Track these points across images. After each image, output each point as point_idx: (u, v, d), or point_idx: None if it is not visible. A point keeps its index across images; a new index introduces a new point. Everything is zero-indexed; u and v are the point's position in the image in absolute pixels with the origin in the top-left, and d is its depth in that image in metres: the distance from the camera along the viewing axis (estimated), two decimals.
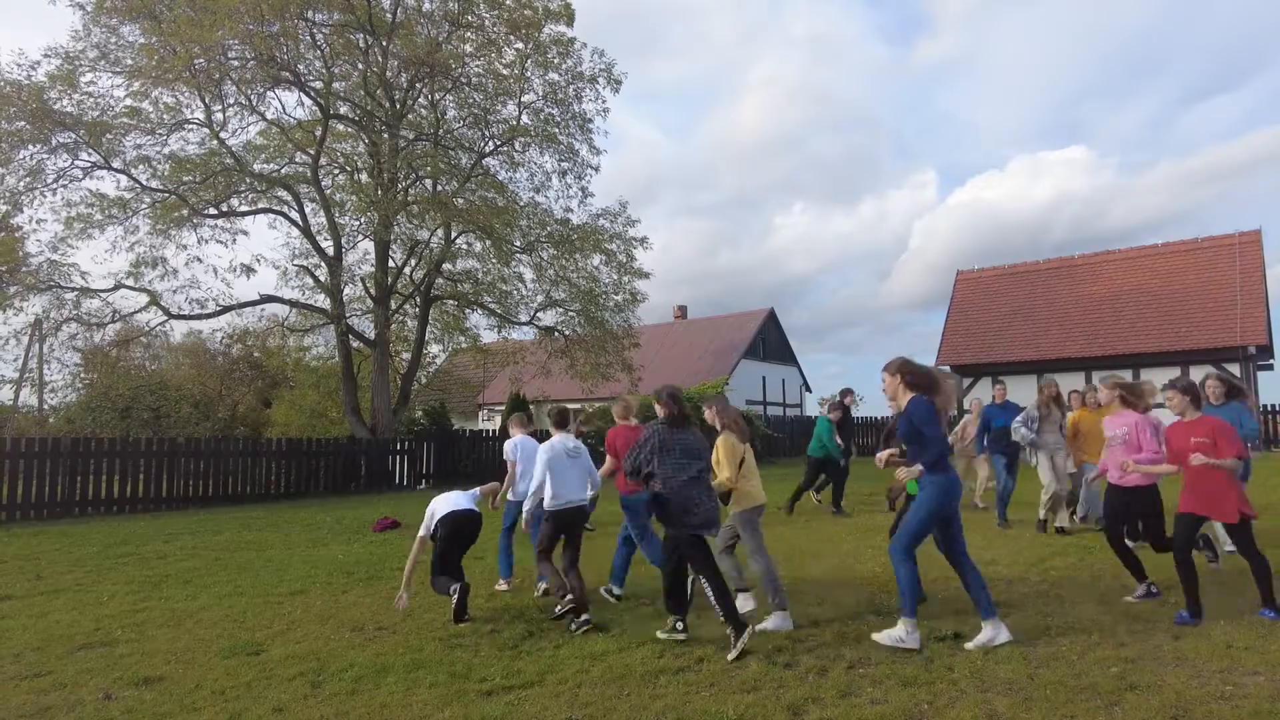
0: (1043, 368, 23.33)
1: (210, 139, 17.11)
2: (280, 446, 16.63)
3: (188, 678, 4.60)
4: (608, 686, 4.20)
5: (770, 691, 4.02)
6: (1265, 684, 3.86)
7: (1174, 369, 21.03)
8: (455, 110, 19.80)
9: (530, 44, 18.45)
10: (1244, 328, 20.98)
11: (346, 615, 6.03)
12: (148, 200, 16.66)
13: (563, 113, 19.79)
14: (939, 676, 4.14)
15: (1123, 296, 24.30)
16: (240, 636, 5.46)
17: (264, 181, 17.72)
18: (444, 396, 33.98)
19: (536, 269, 20.51)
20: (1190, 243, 24.52)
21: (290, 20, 15.57)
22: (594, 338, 20.79)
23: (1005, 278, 27.88)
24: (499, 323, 21.22)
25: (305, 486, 16.42)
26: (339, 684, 4.40)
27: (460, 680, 4.38)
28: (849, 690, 4.00)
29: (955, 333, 27.04)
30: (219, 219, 18.01)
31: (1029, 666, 4.24)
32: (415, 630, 5.50)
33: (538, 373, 22.15)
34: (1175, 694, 3.76)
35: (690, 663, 4.53)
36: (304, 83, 16.95)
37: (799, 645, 4.79)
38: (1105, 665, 4.21)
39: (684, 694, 4.05)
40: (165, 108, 16.36)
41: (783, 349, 38.05)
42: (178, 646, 5.26)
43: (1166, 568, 5.35)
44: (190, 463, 14.82)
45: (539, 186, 20.52)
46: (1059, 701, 3.74)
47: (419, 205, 18.06)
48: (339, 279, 18.43)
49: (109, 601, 6.63)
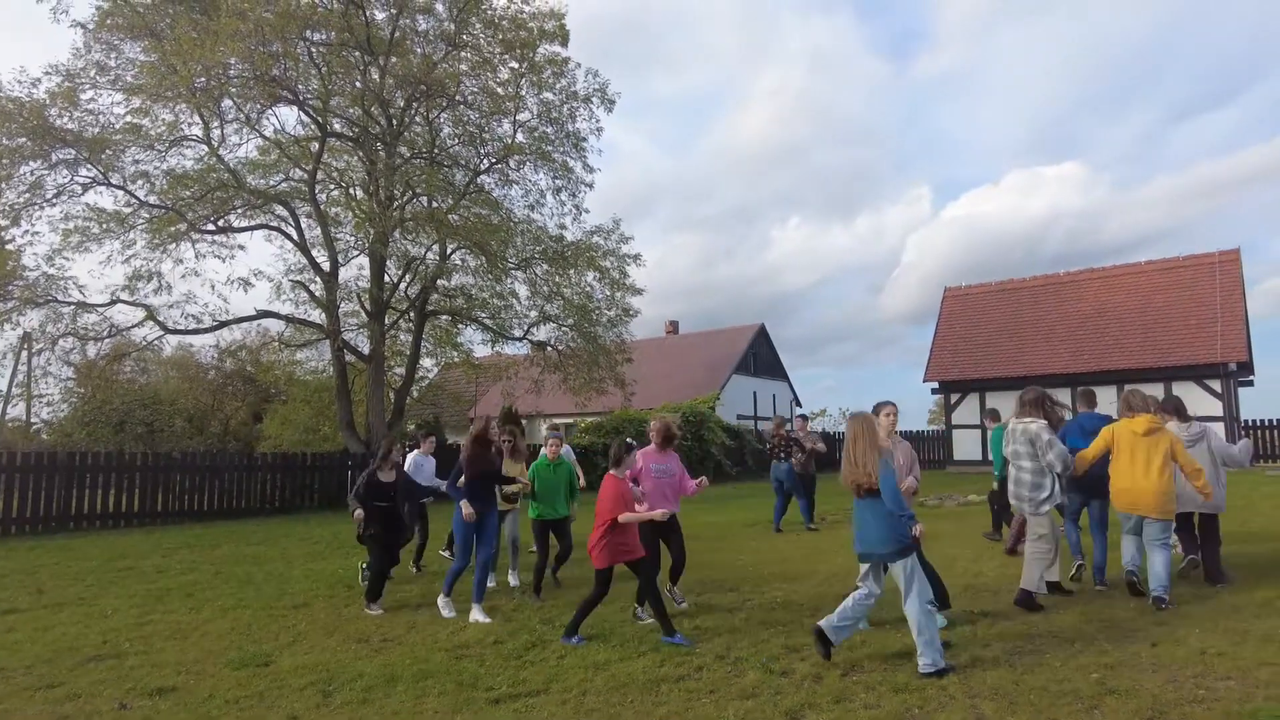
0: (1028, 384, 23.60)
1: (209, 155, 17.26)
2: (275, 461, 16.70)
3: (200, 688, 4.72)
4: (611, 694, 4.36)
5: (768, 698, 4.19)
6: (1236, 688, 4.07)
7: (1157, 385, 21.44)
8: (451, 128, 20.03)
9: (525, 64, 18.73)
10: (1224, 345, 21.38)
11: (351, 628, 6.16)
12: (145, 215, 16.77)
13: (557, 131, 20.05)
14: (929, 683, 4.32)
15: (1107, 313, 24.72)
16: (248, 648, 5.57)
17: (261, 197, 17.86)
18: (436, 410, 34.05)
19: (531, 285, 20.70)
20: (1173, 261, 25.00)
21: (290, 40, 15.78)
22: (587, 353, 20.98)
23: (992, 294, 28.27)
24: (493, 338, 21.38)
25: (299, 501, 16.48)
26: (350, 693, 4.54)
27: (468, 689, 4.53)
28: (843, 696, 4.18)
29: (943, 349, 27.37)
30: (216, 234, 18.14)
31: (1014, 673, 4.43)
32: (421, 642, 5.64)
33: (530, 387, 22.32)
34: (1152, 698, 3.96)
35: (690, 671, 4.70)
36: (302, 100, 17.15)
37: (794, 654, 4.97)
38: (1086, 671, 4.41)
39: (685, 701, 4.22)
40: (165, 124, 16.52)
41: (774, 364, 38.33)
42: (186, 658, 5.37)
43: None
44: (185, 477, 14.86)
45: (533, 204, 20.76)
46: (1042, 705, 3.93)
47: (415, 222, 18.24)
48: (334, 294, 18.55)
49: (113, 615, 6.72)
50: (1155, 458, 5.80)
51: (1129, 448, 5.95)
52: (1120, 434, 6.04)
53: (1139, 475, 5.85)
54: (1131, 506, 5.95)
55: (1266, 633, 4.99)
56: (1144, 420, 5.95)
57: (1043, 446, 5.86)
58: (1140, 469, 5.85)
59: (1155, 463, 5.79)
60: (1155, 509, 5.80)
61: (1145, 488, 5.81)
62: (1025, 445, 5.98)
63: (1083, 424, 6.99)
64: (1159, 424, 5.96)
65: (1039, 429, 5.92)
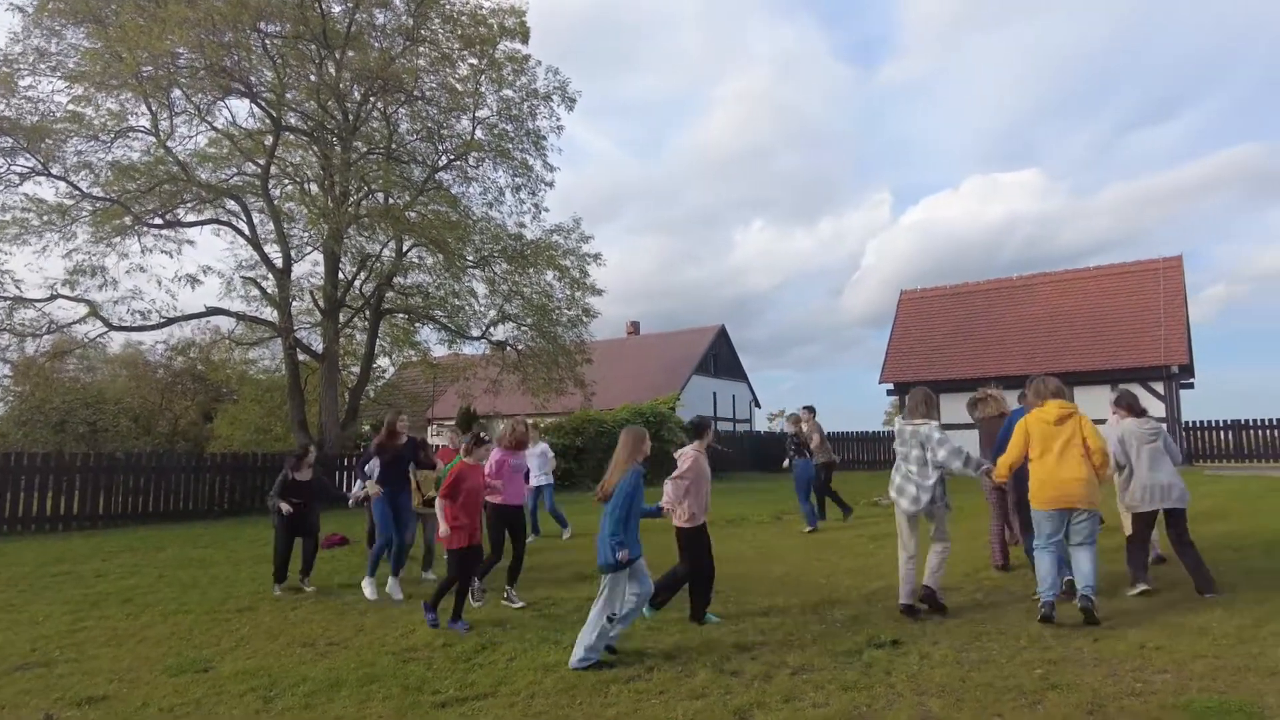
0: (982, 385, 24.09)
1: (156, 147, 16.74)
2: (225, 461, 16.29)
3: (133, 696, 4.55)
4: (560, 696, 4.30)
5: (718, 698, 4.17)
6: (1172, 680, 4.17)
7: (1104, 387, 22.02)
8: (409, 124, 19.74)
9: (485, 60, 18.55)
10: (1167, 348, 22.06)
11: (297, 631, 6.00)
12: (89, 208, 16.21)
13: (517, 129, 19.91)
14: (878, 681, 4.35)
15: (1058, 317, 25.35)
16: (187, 654, 5.40)
17: (212, 191, 17.38)
18: (392, 410, 33.52)
19: (489, 284, 20.51)
20: (1120, 266, 25.76)
21: (243, 31, 15.40)
22: (547, 353, 20.84)
23: (947, 298, 28.79)
24: (451, 337, 21.12)
25: (250, 502, 16.06)
26: (292, 699, 4.42)
27: (414, 693, 4.43)
28: (792, 695, 4.18)
29: (899, 351, 27.80)
30: (164, 229, 17.61)
31: (962, 670, 4.48)
32: (368, 645, 5.52)
33: (488, 388, 22.10)
34: (1092, 692, 4.04)
35: (641, 672, 4.66)
36: (255, 93, 16.76)
37: (745, 654, 4.96)
38: (1031, 667, 4.47)
39: (635, 702, 4.18)
40: (109, 114, 15.98)
41: (733, 365, 38.55)
42: (121, 665, 5.19)
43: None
44: (129, 478, 14.40)
45: (492, 201, 20.56)
46: (988, 701, 3.98)
47: (370, 218, 17.93)
48: (287, 291, 18.15)
49: (44, 621, 6.47)
50: (1073, 445, 5.42)
51: (1042, 439, 5.55)
52: (1032, 426, 5.64)
53: (1059, 466, 5.43)
54: (1056, 500, 5.43)
55: (1201, 626, 5.12)
56: (1053, 407, 5.59)
57: (933, 447, 5.76)
58: (1058, 459, 5.43)
59: (1074, 450, 5.41)
60: (1082, 498, 5.36)
61: (1067, 477, 5.39)
62: (915, 448, 5.87)
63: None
64: (1070, 409, 5.58)
65: (930, 429, 5.82)
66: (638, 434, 5.22)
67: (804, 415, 12.11)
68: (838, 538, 10.18)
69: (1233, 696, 3.89)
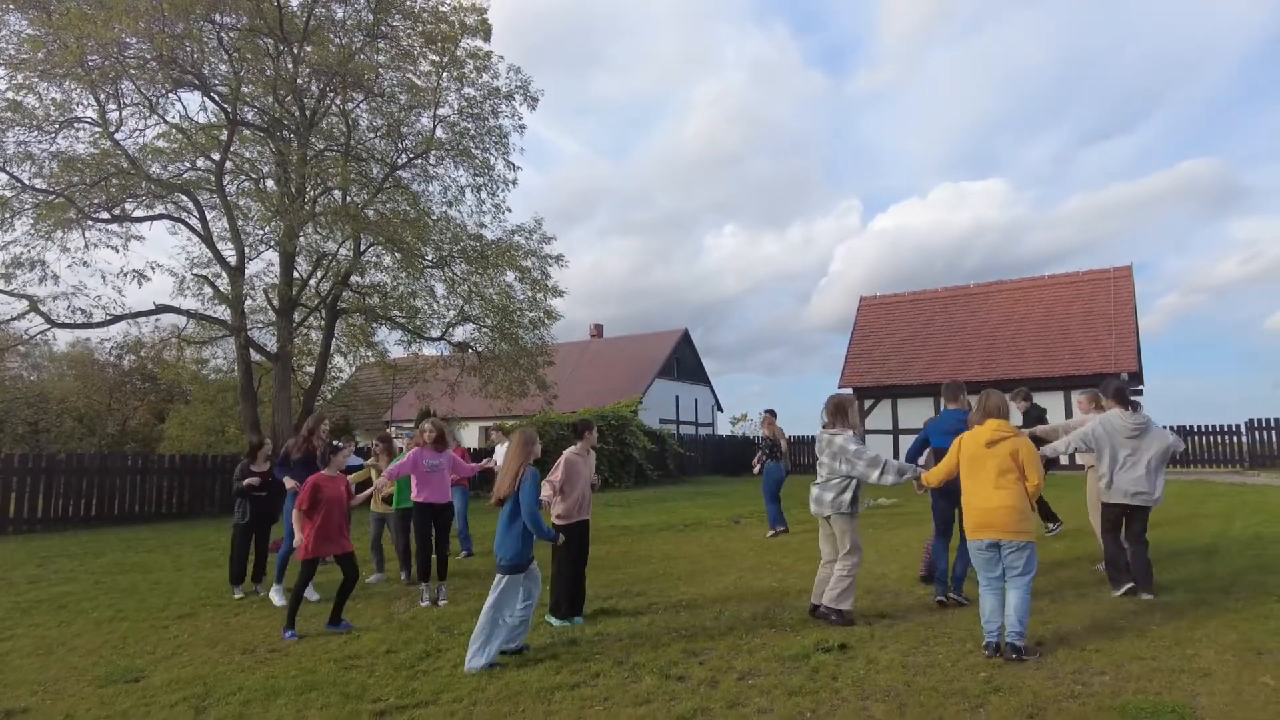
0: (944, 388, 24.50)
1: (103, 138, 16.22)
2: (173, 463, 15.87)
3: (55, 709, 4.37)
4: (502, 704, 4.22)
5: (662, 704, 4.13)
6: (1110, 682, 4.23)
7: (1058, 394, 22.54)
8: (368, 120, 19.44)
9: (446, 57, 18.33)
10: (1117, 355, 22.62)
11: (238, 638, 5.83)
12: (30, 200, 15.64)
13: (478, 127, 19.69)
14: (823, 685, 4.35)
15: (1014, 324, 25.86)
16: (119, 663, 5.21)
17: (162, 186, 16.90)
18: (349, 413, 33.02)
19: (449, 284, 20.27)
20: (1074, 275, 26.39)
21: (195, 22, 15.01)
22: (508, 355, 20.65)
23: (906, 304, 29.20)
24: (409, 337, 20.82)
25: (199, 505, 15.70)
26: (225, 708, 4.28)
27: (354, 701, 4.32)
28: (737, 701, 4.15)
29: (858, 356, 28.10)
30: (111, 223, 17.07)
31: (907, 674, 4.50)
32: (309, 652, 5.38)
33: (447, 390, 21.85)
34: (1033, 694, 4.08)
35: (586, 678, 4.60)
36: (209, 86, 16.35)
37: (693, 659, 4.93)
38: (975, 671, 4.51)
39: (578, 709, 4.12)
40: (54, 103, 15.44)
41: (696, 369, 38.67)
42: (46, 676, 4.99)
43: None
44: (71, 480, 13.93)
45: (452, 200, 20.29)
46: (931, 705, 4.00)
47: (327, 216, 17.59)
48: (240, 289, 17.72)
49: None
50: (1006, 471, 5.00)
51: (971, 460, 5.18)
52: (965, 446, 5.27)
53: (986, 492, 5.03)
54: (980, 529, 5.02)
55: (1139, 628, 5.22)
56: (988, 428, 5.19)
57: (849, 458, 5.67)
58: (987, 484, 5.03)
59: (1006, 477, 4.99)
60: (1007, 528, 4.90)
61: (993, 504, 4.96)
62: (829, 458, 5.82)
63: (943, 422, 6.48)
64: (1006, 432, 5.16)
65: (844, 441, 5.74)
66: (528, 437, 5.36)
67: (765, 419, 12.16)
68: (789, 540, 10.22)
69: (1167, 698, 3.96)
